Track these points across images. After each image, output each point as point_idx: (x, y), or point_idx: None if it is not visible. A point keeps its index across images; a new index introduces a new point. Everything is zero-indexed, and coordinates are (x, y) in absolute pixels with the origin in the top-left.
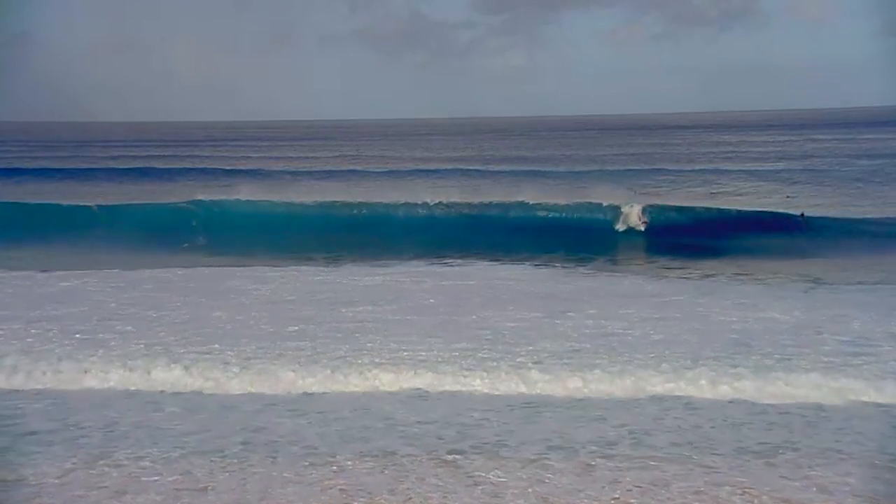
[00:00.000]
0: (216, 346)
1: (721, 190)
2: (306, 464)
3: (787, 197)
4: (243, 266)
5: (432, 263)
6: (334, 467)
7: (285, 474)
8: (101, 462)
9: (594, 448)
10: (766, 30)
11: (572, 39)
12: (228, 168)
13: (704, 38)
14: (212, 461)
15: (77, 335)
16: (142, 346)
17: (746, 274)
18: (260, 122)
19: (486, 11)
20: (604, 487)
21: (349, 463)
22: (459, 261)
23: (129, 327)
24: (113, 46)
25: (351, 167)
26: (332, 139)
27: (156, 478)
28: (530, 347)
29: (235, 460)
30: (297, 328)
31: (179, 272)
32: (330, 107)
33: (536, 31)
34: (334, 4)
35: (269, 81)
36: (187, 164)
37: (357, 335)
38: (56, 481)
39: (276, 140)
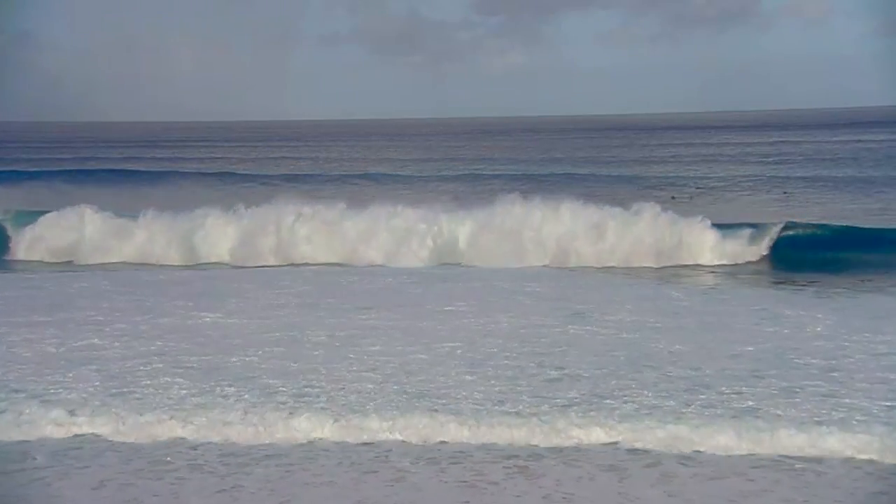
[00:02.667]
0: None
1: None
2: None
3: (785, 193)
4: None
5: None
6: None
7: None
8: None
9: None
10: (764, 29)
11: (570, 40)
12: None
13: (702, 38)
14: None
15: None
16: None
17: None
18: (251, 123)
19: (483, 12)
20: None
21: None
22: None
23: None
24: (106, 45)
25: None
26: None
27: None
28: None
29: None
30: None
31: None
32: (324, 107)
33: (534, 32)
34: (332, 4)
35: (262, 81)
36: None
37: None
38: None
39: (238, 141)
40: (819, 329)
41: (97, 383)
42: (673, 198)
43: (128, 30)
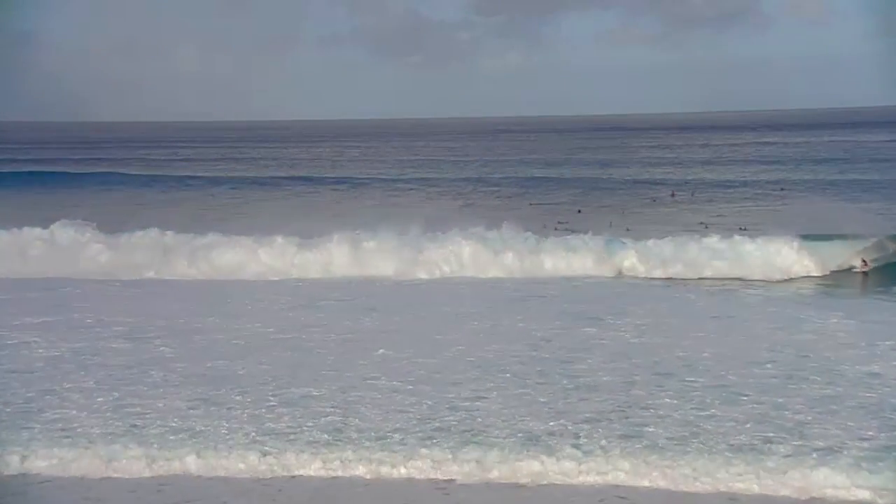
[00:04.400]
0: None
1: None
2: None
3: (782, 189)
4: None
5: None
6: None
7: None
8: None
9: None
10: (763, 29)
11: (570, 40)
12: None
13: (701, 38)
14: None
15: None
16: None
17: None
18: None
19: (483, 13)
20: None
21: None
22: None
23: None
24: (108, 46)
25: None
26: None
27: None
28: None
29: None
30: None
31: None
32: (320, 108)
33: (534, 32)
34: (332, 5)
35: (261, 83)
36: None
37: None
38: None
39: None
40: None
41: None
42: (672, 195)
43: (127, 31)
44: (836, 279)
